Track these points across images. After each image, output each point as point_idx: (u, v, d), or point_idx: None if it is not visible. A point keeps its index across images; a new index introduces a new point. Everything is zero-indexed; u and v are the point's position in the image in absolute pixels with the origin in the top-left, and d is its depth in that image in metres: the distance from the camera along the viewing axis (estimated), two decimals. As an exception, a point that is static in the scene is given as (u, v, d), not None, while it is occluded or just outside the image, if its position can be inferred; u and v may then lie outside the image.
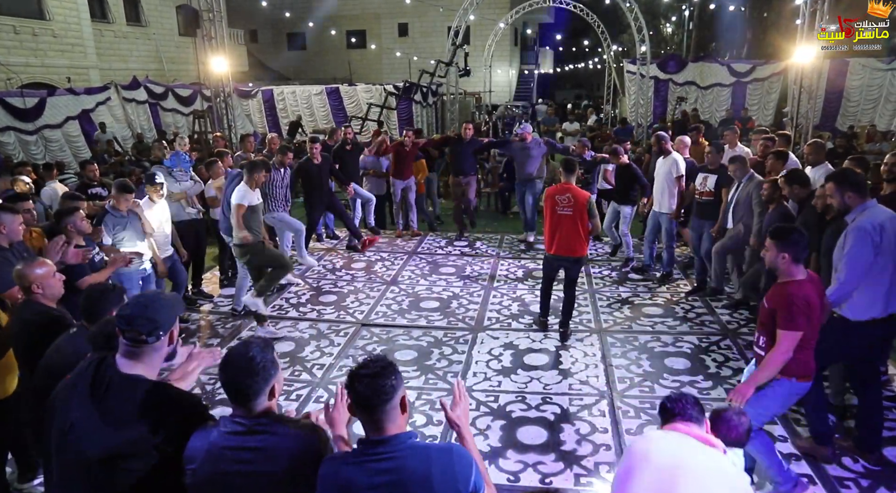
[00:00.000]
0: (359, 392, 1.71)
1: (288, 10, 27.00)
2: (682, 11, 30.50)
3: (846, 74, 16.30)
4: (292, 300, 6.39)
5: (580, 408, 4.20)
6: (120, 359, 1.89)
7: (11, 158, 11.86)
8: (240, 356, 1.78)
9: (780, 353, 2.94)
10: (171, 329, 1.94)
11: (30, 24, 17.02)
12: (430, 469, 1.67)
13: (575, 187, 5.12)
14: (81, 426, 1.81)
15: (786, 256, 2.97)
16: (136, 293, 4.97)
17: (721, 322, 5.60)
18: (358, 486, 1.68)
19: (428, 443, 1.79)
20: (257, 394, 1.78)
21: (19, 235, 3.78)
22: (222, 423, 1.81)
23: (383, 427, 1.72)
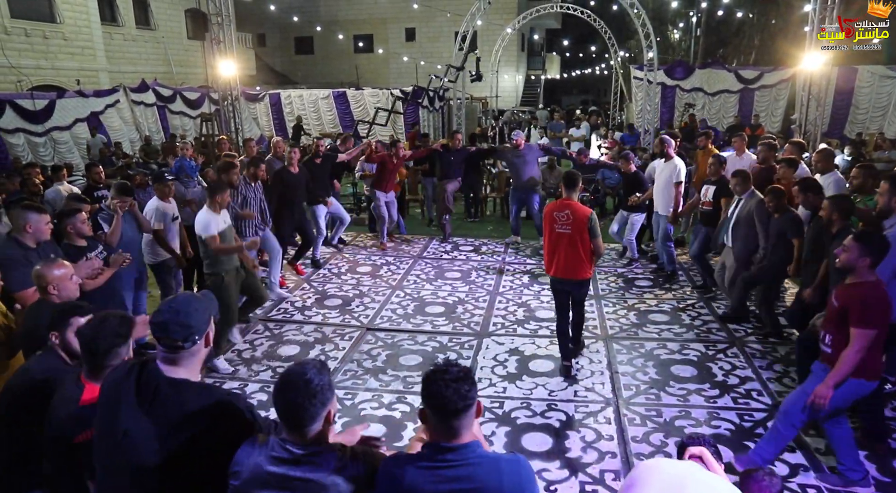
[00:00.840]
0: (442, 396, 1.66)
1: (296, 14, 27.12)
2: (690, 18, 30.46)
3: (855, 82, 16.21)
4: (297, 304, 6.39)
5: (585, 415, 4.17)
6: (161, 364, 1.85)
7: (20, 160, 11.93)
8: (297, 377, 1.70)
9: (855, 352, 3.06)
10: (207, 331, 1.90)
11: (41, 27, 17.17)
12: (501, 480, 1.66)
13: (576, 204, 4.59)
14: (136, 434, 1.77)
15: (867, 260, 3.10)
16: (131, 294, 5.05)
17: (728, 330, 5.56)
18: (423, 491, 1.65)
19: (497, 453, 1.77)
20: (313, 419, 1.70)
21: (46, 235, 3.79)
22: (271, 445, 1.73)
23: (459, 434, 1.69)
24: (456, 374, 1.70)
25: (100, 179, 6.73)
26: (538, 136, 16.31)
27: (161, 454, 1.76)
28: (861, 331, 3.05)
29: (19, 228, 3.70)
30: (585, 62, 42.46)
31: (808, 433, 3.83)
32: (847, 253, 3.16)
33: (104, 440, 1.85)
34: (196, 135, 16.29)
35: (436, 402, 1.68)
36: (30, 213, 3.73)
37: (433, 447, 1.71)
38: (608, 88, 27.43)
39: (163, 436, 1.77)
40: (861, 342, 3.05)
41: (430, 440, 1.74)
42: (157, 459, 1.76)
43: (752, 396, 4.40)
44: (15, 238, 3.69)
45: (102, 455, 1.86)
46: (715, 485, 1.86)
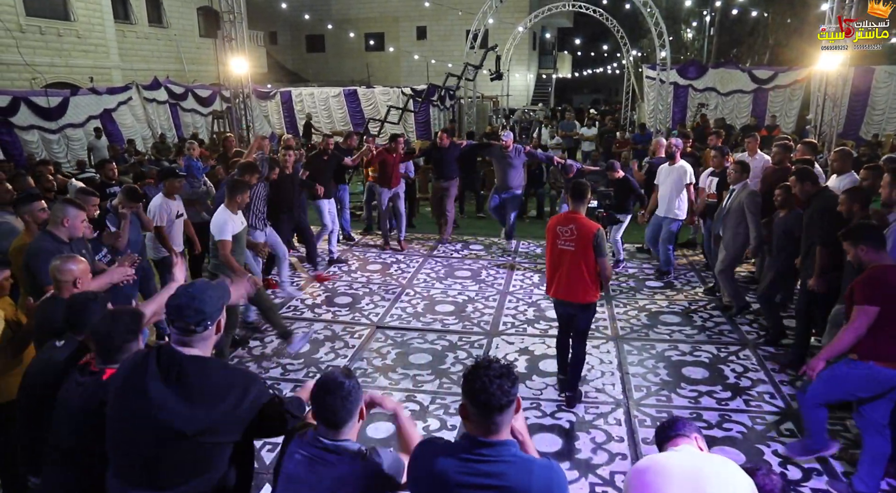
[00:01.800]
0: (486, 393, 1.68)
1: (307, 13, 27.19)
2: (704, 17, 30.21)
3: (871, 82, 16.01)
4: (308, 301, 6.39)
5: (596, 416, 4.15)
6: (175, 345, 1.97)
7: (34, 156, 12.05)
8: (332, 383, 1.84)
9: (853, 328, 3.07)
10: (218, 319, 2.01)
11: (55, 25, 17.32)
12: (531, 483, 1.67)
13: (582, 218, 4.14)
14: (170, 407, 1.87)
15: (864, 247, 3.19)
16: (136, 291, 5.05)
17: (740, 332, 5.51)
18: (453, 481, 1.69)
19: (531, 456, 1.78)
20: (349, 418, 1.85)
21: (80, 232, 3.75)
22: (310, 437, 1.87)
23: (497, 430, 1.72)
24: (499, 370, 1.72)
25: (112, 175, 6.77)
26: (549, 135, 16.20)
27: (196, 420, 1.87)
28: (861, 308, 3.05)
29: (56, 222, 3.65)
30: (597, 61, 42.25)
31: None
32: (849, 254, 3.29)
33: (131, 418, 1.91)
34: (208, 132, 16.37)
35: (479, 397, 1.69)
36: (69, 207, 3.69)
37: (471, 440, 1.74)
38: (620, 87, 27.28)
39: (194, 406, 1.88)
40: (860, 319, 3.04)
41: (468, 434, 1.77)
42: (192, 425, 1.87)
43: (765, 398, 4.35)
44: (50, 232, 3.65)
45: (127, 434, 1.93)
46: (728, 476, 1.85)
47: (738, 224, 5.52)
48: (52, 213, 3.73)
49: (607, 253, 4.16)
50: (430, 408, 4.26)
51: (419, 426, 4.03)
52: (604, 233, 4.22)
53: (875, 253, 3.18)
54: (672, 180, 6.76)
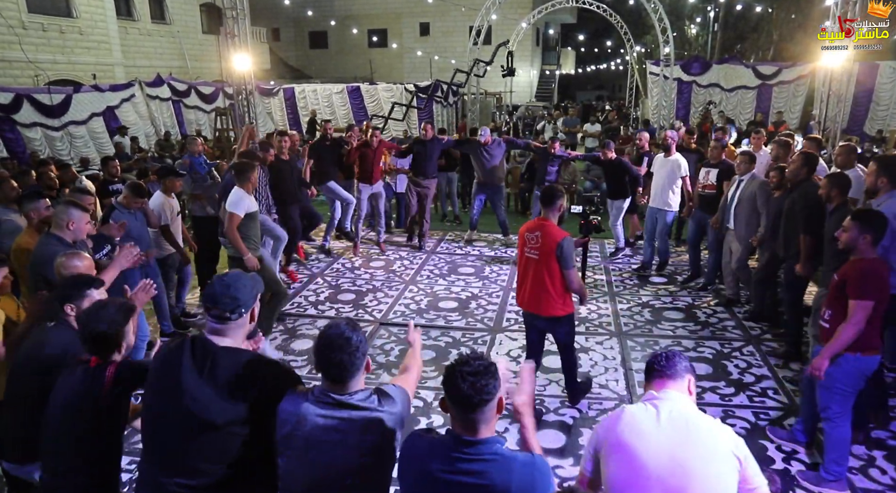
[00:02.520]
0: (459, 390, 1.67)
1: (310, 9, 27.20)
2: (708, 13, 30.09)
3: (876, 77, 15.94)
4: (311, 298, 6.40)
5: (599, 412, 4.14)
6: (210, 335, 2.01)
7: (38, 153, 12.08)
8: (337, 337, 1.83)
9: (853, 324, 3.06)
10: (252, 307, 2.06)
11: (57, 22, 17.34)
12: (510, 482, 1.66)
13: (550, 225, 3.83)
14: (201, 397, 1.91)
15: (868, 236, 3.15)
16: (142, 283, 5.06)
17: (744, 328, 5.50)
18: (437, 479, 1.70)
19: (514, 452, 1.76)
20: (357, 371, 1.85)
21: (84, 234, 3.72)
22: (316, 393, 1.88)
23: (477, 428, 1.71)
24: (476, 367, 1.70)
25: (115, 172, 6.78)
26: (551, 131, 16.18)
27: (226, 412, 1.92)
28: (858, 302, 3.06)
29: (60, 225, 3.61)
30: (600, 57, 42.17)
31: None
32: (847, 232, 3.21)
33: (165, 405, 1.96)
34: (211, 129, 16.38)
35: (453, 395, 1.69)
36: (73, 210, 3.66)
37: (454, 437, 1.74)
38: (623, 83, 27.21)
39: (227, 398, 1.92)
40: (859, 314, 3.05)
41: (451, 430, 1.77)
42: (223, 416, 1.91)
43: (769, 394, 4.35)
44: (55, 235, 3.60)
45: (161, 420, 1.98)
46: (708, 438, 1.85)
47: (751, 215, 5.52)
48: (55, 215, 3.71)
49: (574, 265, 3.81)
50: (434, 404, 4.26)
51: (422, 423, 4.04)
52: (571, 242, 3.81)
53: (872, 247, 3.19)
54: (666, 172, 6.82)
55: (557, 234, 3.78)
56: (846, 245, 3.24)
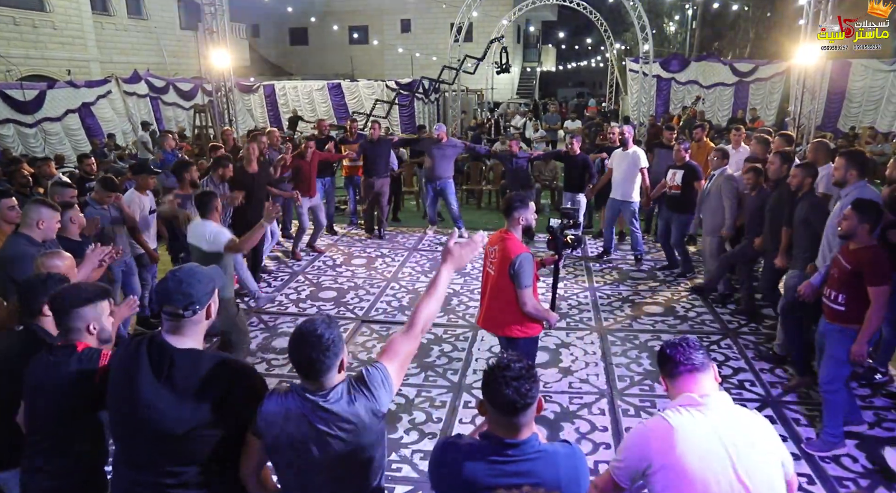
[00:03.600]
0: (503, 395, 1.67)
1: (290, 5, 26.93)
2: (686, 10, 30.43)
3: (848, 75, 16.27)
4: (292, 296, 6.37)
5: (580, 406, 4.19)
6: (167, 335, 1.93)
7: (10, 150, 11.84)
8: (309, 334, 1.80)
9: (879, 308, 3.36)
10: (209, 303, 1.98)
11: (30, 16, 16.98)
12: (559, 475, 1.70)
13: (509, 238, 3.48)
14: (158, 405, 1.85)
15: (866, 225, 3.39)
16: (118, 285, 4.97)
17: (722, 322, 5.59)
18: (484, 485, 1.67)
19: (554, 446, 1.77)
20: (329, 369, 1.81)
21: (54, 233, 3.65)
22: (294, 391, 1.85)
23: (520, 431, 1.71)
24: (518, 371, 1.70)
25: (91, 170, 6.68)
26: (532, 129, 16.24)
27: (185, 421, 1.85)
28: (880, 288, 3.36)
29: (30, 224, 3.53)
30: (581, 54, 42.41)
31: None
32: (847, 221, 3.44)
33: (124, 413, 1.91)
34: (190, 126, 16.18)
35: (497, 400, 1.69)
36: (44, 208, 3.58)
37: (496, 441, 1.73)
38: (604, 80, 27.41)
39: (186, 404, 1.85)
40: (882, 299, 3.36)
41: (490, 433, 1.75)
42: (185, 426, 1.85)
43: (746, 386, 4.43)
44: (24, 235, 3.52)
45: (122, 427, 1.94)
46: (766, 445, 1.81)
47: (717, 208, 5.82)
48: (24, 214, 3.62)
49: (528, 284, 3.40)
50: (416, 401, 4.27)
51: (404, 420, 4.05)
52: (528, 259, 3.40)
53: (869, 234, 3.44)
54: (626, 165, 7.07)
55: (514, 249, 3.42)
56: (846, 233, 3.48)
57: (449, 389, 4.43)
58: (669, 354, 1.95)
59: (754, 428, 1.84)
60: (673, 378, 1.95)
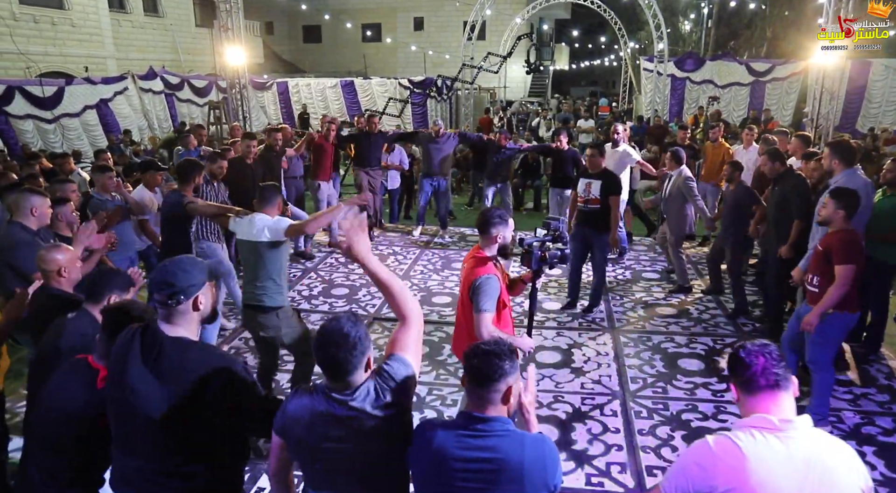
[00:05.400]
0: (473, 365, 1.78)
1: (304, 3, 27.01)
2: (702, 9, 30.13)
3: (868, 75, 16.03)
4: (304, 293, 6.40)
5: (592, 407, 4.17)
6: (161, 323, 1.96)
7: (29, 146, 11.99)
8: (335, 333, 1.77)
9: (840, 285, 3.56)
10: (196, 295, 1.96)
11: (49, 14, 17.16)
12: (523, 456, 1.72)
13: (477, 258, 3.10)
14: (142, 390, 1.88)
15: (841, 212, 3.66)
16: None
17: (736, 324, 5.54)
18: (450, 456, 1.74)
19: (524, 431, 1.84)
20: (356, 369, 1.79)
21: (48, 220, 3.75)
22: (319, 391, 1.84)
23: (486, 406, 1.77)
24: (493, 347, 1.79)
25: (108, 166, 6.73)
26: (545, 127, 16.17)
27: (166, 408, 1.87)
28: (844, 267, 3.57)
29: (23, 212, 3.62)
30: (594, 53, 42.11)
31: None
32: (825, 209, 3.74)
33: (115, 400, 1.96)
34: (205, 123, 16.29)
35: (468, 368, 1.80)
36: (34, 196, 3.67)
37: (465, 416, 1.80)
38: (617, 79, 27.25)
39: (167, 391, 1.87)
40: (844, 276, 3.56)
41: (464, 410, 1.83)
42: (162, 413, 1.86)
43: (760, 390, 4.38)
44: (20, 223, 3.61)
45: (116, 413, 1.98)
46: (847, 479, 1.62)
47: (681, 208, 6.12)
48: (16, 203, 3.69)
49: (486, 309, 2.94)
50: (427, 399, 4.28)
51: (415, 418, 4.04)
52: (489, 282, 2.96)
53: (846, 220, 3.69)
54: (613, 163, 6.96)
55: (477, 270, 3.03)
56: (824, 219, 3.77)
57: (460, 387, 4.43)
58: (748, 362, 1.69)
59: (840, 462, 1.63)
60: (750, 393, 1.70)
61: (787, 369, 1.70)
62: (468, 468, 1.73)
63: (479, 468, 1.72)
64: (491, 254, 3.10)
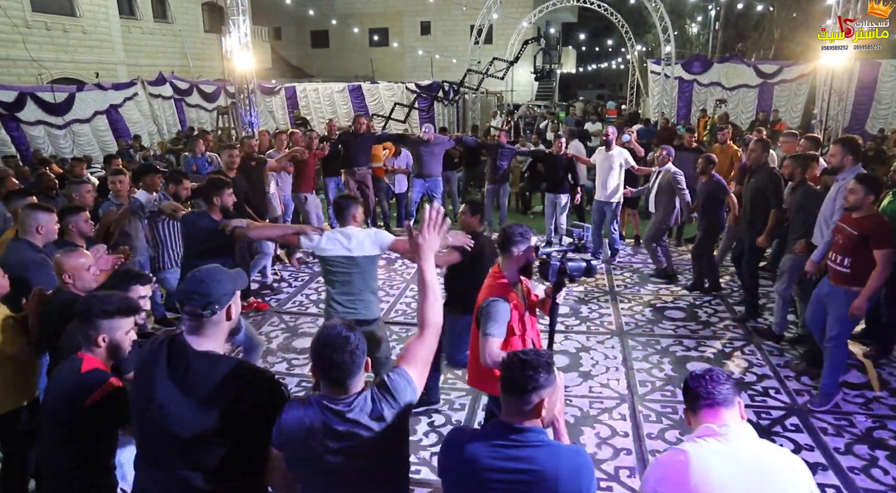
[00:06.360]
0: (511, 375, 1.75)
1: (311, 8, 27.13)
2: (709, 11, 30.04)
3: (878, 76, 15.90)
4: (312, 296, 6.42)
5: (600, 411, 4.16)
6: (188, 335, 1.91)
7: (41, 152, 12.11)
8: (335, 337, 1.79)
9: (883, 269, 3.77)
10: (229, 304, 1.94)
11: (61, 21, 17.36)
12: (559, 468, 1.69)
13: (492, 276, 2.95)
14: (170, 407, 1.83)
15: (871, 197, 3.85)
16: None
17: (745, 327, 5.51)
18: (484, 466, 1.71)
19: (559, 442, 1.83)
20: (355, 373, 1.79)
21: (54, 235, 3.69)
22: (314, 403, 1.81)
23: (520, 416, 1.76)
24: (532, 358, 1.76)
25: (118, 170, 6.79)
26: (551, 131, 16.15)
27: (196, 425, 1.82)
28: (885, 252, 3.78)
29: (29, 230, 3.56)
30: (601, 56, 42.08)
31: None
32: (854, 194, 3.86)
33: (141, 413, 1.91)
34: (213, 128, 16.40)
35: (505, 379, 1.77)
36: (39, 213, 3.61)
37: (499, 425, 1.78)
38: (624, 82, 27.19)
39: (196, 408, 1.83)
40: (885, 260, 3.77)
41: (498, 419, 1.81)
42: (192, 430, 1.82)
43: (770, 394, 4.36)
44: (26, 240, 3.55)
45: (141, 427, 1.94)
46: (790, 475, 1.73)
47: (669, 201, 6.55)
48: (21, 221, 3.64)
49: (492, 334, 2.73)
50: (437, 405, 4.27)
51: (423, 422, 4.05)
52: (498, 305, 2.77)
53: (872, 205, 3.89)
54: (608, 165, 7.19)
55: (489, 289, 2.87)
56: (853, 204, 3.89)
57: (468, 391, 4.42)
58: (692, 386, 1.88)
59: (779, 460, 1.77)
60: (694, 412, 1.88)
61: (732, 389, 1.86)
62: (503, 479, 1.70)
63: (515, 480, 1.69)
64: (510, 274, 2.89)
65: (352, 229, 3.55)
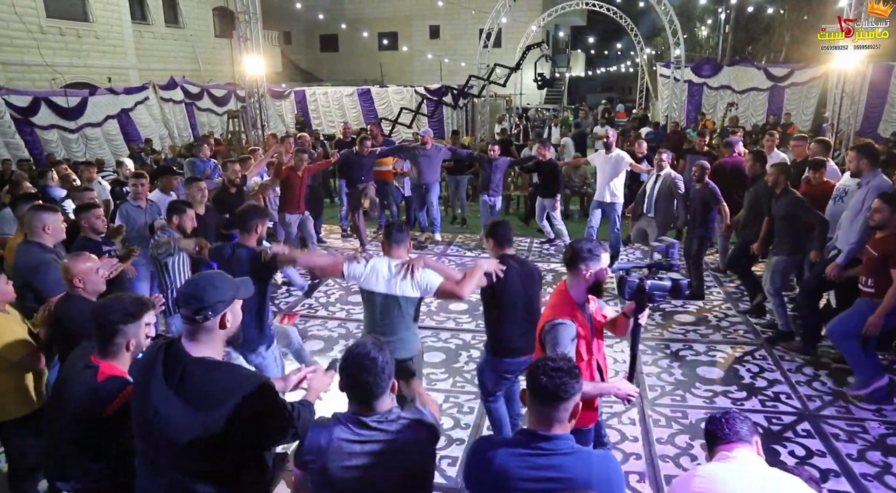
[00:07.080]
0: (540, 383, 1.72)
1: (321, 12, 27.29)
2: (719, 14, 29.93)
3: (890, 79, 15.76)
4: (321, 299, 6.45)
5: (609, 416, 4.14)
6: (185, 342, 1.90)
7: (54, 155, 12.24)
8: (364, 357, 1.80)
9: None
10: (224, 312, 1.91)
11: (75, 27, 17.58)
12: (591, 475, 1.70)
13: (556, 295, 2.74)
14: (165, 413, 1.82)
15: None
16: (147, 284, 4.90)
17: (756, 332, 5.47)
18: (514, 476, 1.70)
19: (589, 449, 1.82)
20: (382, 393, 1.82)
21: (63, 234, 3.75)
22: (341, 420, 1.85)
23: (552, 424, 1.74)
24: (560, 365, 1.75)
25: (129, 174, 6.86)
26: (558, 134, 16.16)
27: (192, 430, 1.82)
28: None
29: (37, 231, 3.59)
30: (610, 59, 42.02)
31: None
32: (880, 213, 3.89)
33: (139, 419, 1.91)
34: (224, 132, 16.53)
35: (534, 388, 1.74)
36: (45, 213, 3.65)
37: (528, 434, 1.77)
38: (634, 85, 27.14)
39: (192, 414, 1.82)
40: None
41: (526, 428, 1.80)
42: (188, 435, 1.82)
43: (781, 399, 4.32)
44: (35, 242, 3.58)
45: (140, 432, 1.94)
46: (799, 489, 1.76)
47: (669, 205, 6.60)
48: (28, 223, 3.67)
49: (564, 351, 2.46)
50: (444, 407, 4.28)
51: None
52: (565, 328, 2.54)
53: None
54: (609, 167, 7.22)
55: (554, 312, 2.61)
56: (879, 223, 3.92)
57: (477, 395, 4.42)
58: (710, 428, 1.97)
59: (788, 479, 1.79)
60: (712, 449, 1.96)
61: (749, 429, 1.94)
62: (534, 489, 1.69)
63: (546, 489, 1.68)
64: (576, 293, 2.65)
65: (396, 264, 3.22)
